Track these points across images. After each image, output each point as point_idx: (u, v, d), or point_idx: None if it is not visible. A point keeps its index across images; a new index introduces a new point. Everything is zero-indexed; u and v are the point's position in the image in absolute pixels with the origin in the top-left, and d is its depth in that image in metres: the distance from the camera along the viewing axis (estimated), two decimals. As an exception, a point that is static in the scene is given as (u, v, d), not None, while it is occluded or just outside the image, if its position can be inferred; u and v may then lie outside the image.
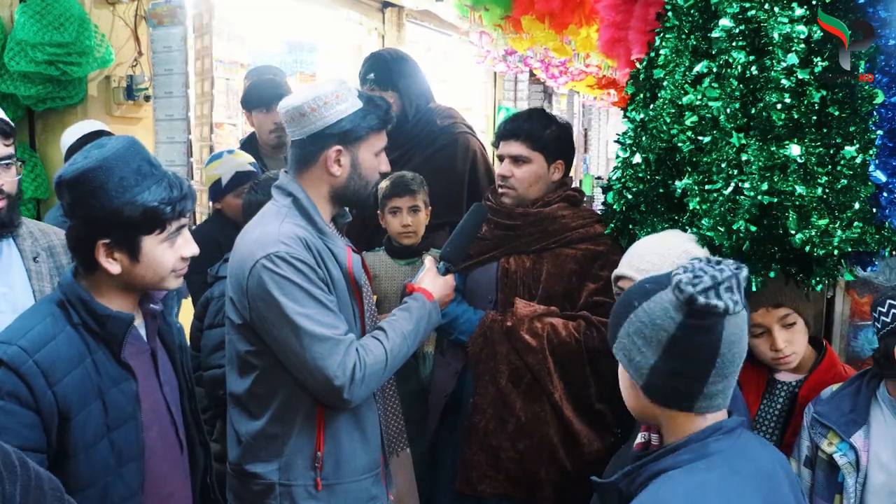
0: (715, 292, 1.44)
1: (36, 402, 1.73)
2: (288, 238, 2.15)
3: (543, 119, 2.89)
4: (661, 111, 2.36)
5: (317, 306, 2.13)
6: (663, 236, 2.32)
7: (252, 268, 2.13)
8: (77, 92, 4.11)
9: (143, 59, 4.48)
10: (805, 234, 2.17)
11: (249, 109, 4.02)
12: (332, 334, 2.11)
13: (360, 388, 2.14)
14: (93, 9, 4.20)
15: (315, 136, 2.22)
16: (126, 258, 1.84)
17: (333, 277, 2.23)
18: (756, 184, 2.17)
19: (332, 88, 2.22)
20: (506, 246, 2.86)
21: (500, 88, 9.51)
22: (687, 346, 1.48)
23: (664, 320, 1.48)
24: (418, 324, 2.31)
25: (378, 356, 2.18)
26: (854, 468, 2.06)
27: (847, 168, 2.21)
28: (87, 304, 1.84)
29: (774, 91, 2.19)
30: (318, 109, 2.19)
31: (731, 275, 1.47)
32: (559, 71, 6.46)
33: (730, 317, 1.46)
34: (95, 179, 1.78)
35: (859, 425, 2.08)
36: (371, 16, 6.88)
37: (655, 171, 2.44)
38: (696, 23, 2.38)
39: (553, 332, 2.66)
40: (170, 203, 1.83)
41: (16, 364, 1.72)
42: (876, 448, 2.06)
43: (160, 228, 1.84)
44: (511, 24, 4.43)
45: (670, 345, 1.48)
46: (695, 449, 1.50)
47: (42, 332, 1.79)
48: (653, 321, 1.50)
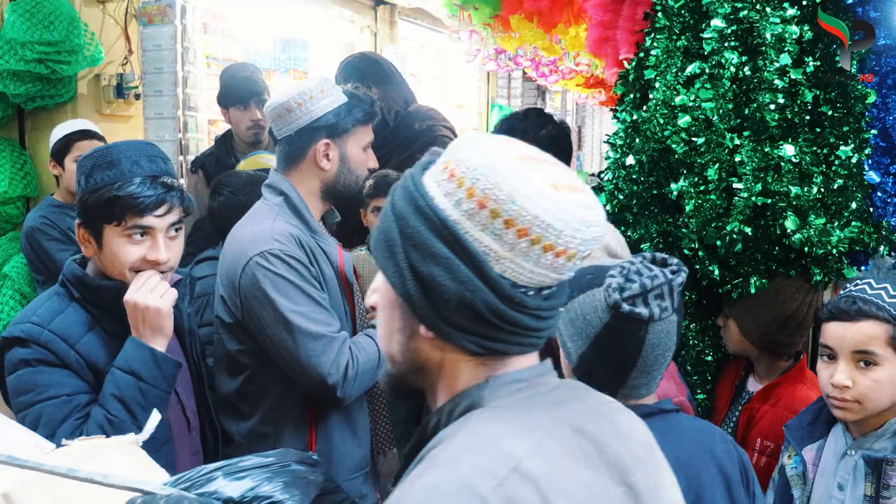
0: (642, 299, 1.49)
1: (63, 362, 1.84)
2: (281, 235, 2.15)
3: (540, 119, 2.87)
4: (654, 112, 2.35)
5: (310, 304, 2.12)
6: None
7: (245, 265, 2.12)
8: (67, 90, 4.08)
9: (133, 57, 4.45)
10: (803, 233, 2.16)
11: (226, 106, 4.01)
12: (325, 332, 2.10)
13: (354, 386, 2.13)
14: (83, 7, 4.17)
15: (302, 130, 2.23)
16: (94, 244, 1.90)
17: (325, 276, 2.22)
18: (750, 185, 2.16)
19: (316, 84, 2.24)
20: None
21: (493, 86, 9.48)
22: (611, 345, 1.54)
23: (592, 317, 1.55)
24: None
25: (371, 354, 2.17)
26: (801, 480, 2.00)
27: (842, 168, 2.21)
28: (80, 279, 1.92)
29: (767, 91, 2.19)
30: (305, 104, 2.21)
31: (663, 281, 1.50)
32: (549, 70, 6.45)
33: (654, 323, 1.51)
34: (82, 166, 1.89)
35: (814, 439, 2.01)
36: (363, 13, 6.86)
37: (649, 172, 2.43)
38: (687, 23, 2.37)
39: None
40: (132, 198, 1.84)
41: (33, 336, 1.83)
42: (824, 464, 1.99)
43: (117, 220, 1.85)
44: (500, 23, 4.44)
45: (596, 340, 1.55)
46: None
47: (50, 307, 1.90)
48: (584, 315, 1.56)
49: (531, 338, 1.03)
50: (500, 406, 1.02)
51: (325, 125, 2.23)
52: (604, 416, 1.10)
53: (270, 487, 1.28)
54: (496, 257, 0.96)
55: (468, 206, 0.96)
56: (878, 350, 1.82)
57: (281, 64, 6.21)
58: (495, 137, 1.04)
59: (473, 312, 0.98)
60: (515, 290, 0.98)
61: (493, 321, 0.98)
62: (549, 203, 0.95)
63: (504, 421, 1.00)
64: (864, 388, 1.85)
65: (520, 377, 1.05)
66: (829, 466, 1.97)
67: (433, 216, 0.98)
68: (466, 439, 0.97)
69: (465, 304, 0.98)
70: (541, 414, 1.02)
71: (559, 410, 1.05)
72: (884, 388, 1.84)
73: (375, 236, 1.06)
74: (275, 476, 1.31)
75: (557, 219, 0.95)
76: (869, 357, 1.84)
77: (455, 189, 0.97)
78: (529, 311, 1.00)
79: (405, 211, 1.01)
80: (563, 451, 0.99)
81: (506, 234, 0.95)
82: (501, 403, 1.02)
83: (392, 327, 1.08)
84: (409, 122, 3.68)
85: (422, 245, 0.98)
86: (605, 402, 1.15)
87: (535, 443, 0.97)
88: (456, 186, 0.97)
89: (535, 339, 1.04)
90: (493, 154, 0.97)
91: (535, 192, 0.95)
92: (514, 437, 0.97)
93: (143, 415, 1.78)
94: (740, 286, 2.29)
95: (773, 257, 2.29)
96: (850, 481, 1.90)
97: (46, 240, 3.58)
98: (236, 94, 3.92)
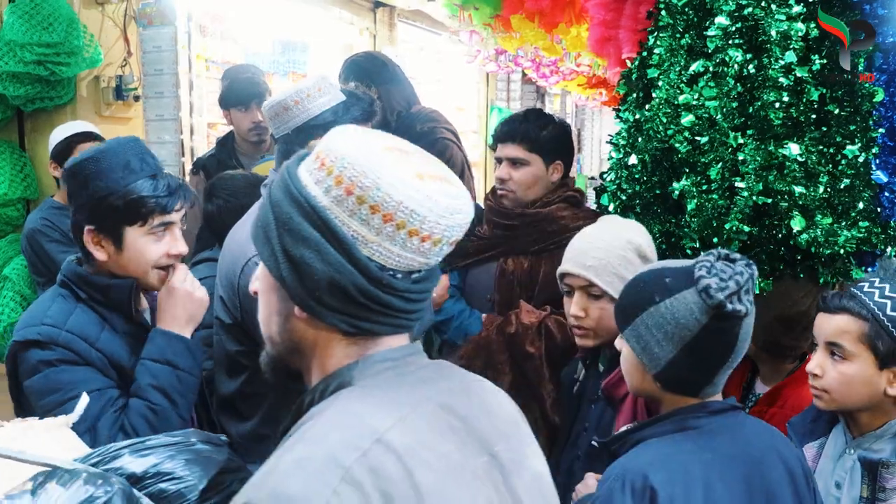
0: (738, 297, 1.53)
1: (86, 360, 1.84)
2: None
3: (541, 119, 2.86)
4: (657, 111, 2.33)
5: None
6: (601, 227, 2.24)
7: (244, 265, 2.11)
8: (66, 92, 4.07)
9: (132, 59, 4.43)
10: (810, 234, 2.15)
11: (227, 108, 4.01)
12: None
13: None
14: (82, 9, 4.15)
15: (300, 129, 2.22)
16: (112, 246, 1.89)
17: None
18: (751, 184, 2.14)
19: (313, 82, 2.24)
20: (505, 246, 2.84)
21: (492, 88, 9.48)
22: (707, 346, 1.57)
23: (688, 321, 1.55)
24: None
25: None
26: None
27: (849, 167, 2.19)
28: (86, 279, 1.92)
29: (772, 89, 2.17)
30: (302, 102, 2.20)
31: (748, 276, 1.55)
32: (550, 70, 6.44)
33: (746, 318, 1.56)
34: (86, 169, 1.86)
35: (815, 437, 2.01)
36: (362, 15, 6.85)
37: (652, 172, 2.41)
38: (691, 21, 2.35)
39: (549, 335, 2.63)
40: (154, 197, 1.86)
41: (52, 337, 1.83)
42: (824, 461, 1.99)
43: (142, 220, 1.87)
44: (501, 23, 4.41)
45: (692, 343, 1.56)
46: (674, 422, 1.62)
47: (59, 308, 1.89)
48: (676, 320, 1.56)
49: (401, 319, 1.09)
50: (369, 385, 1.07)
51: (322, 123, 2.20)
52: (472, 394, 1.17)
53: (172, 464, 1.37)
54: (364, 241, 1.02)
55: (336, 193, 1.02)
56: (848, 345, 1.83)
57: (280, 66, 6.19)
58: (366, 130, 1.11)
59: (343, 293, 1.04)
60: (383, 273, 1.04)
61: (363, 301, 1.04)
62: (412, 190, 1.01)
63: (371, 399, 1.06)
64: (830, 379, 1.87)
65: (390, 357, 1.11)
66: (827, 465, 1.97)
67: (304, 202, 1.04)
68: (334, 416, 1.03)
69: (334, 285, 1.04)
70: (408, 391, 1.08)
71: (426, 388, 1.11)
72: (851, 383, 1.85)
73: (254, 224, 1.12)
74: (178, 454, 1.39)
75: (421, 205, 1.01)
76: (839, 350, 1.85)
77: (325, 177, 1.04)
78: (398, 293, 1.06)
79: (280, 198, 1.07)
80: (428, 425, 1.05)
81: (372, 219, 1.01)
82: (370, 382, 1.08)
83: (271, 310, 1.15)
84: (411, 123, 3.66)
85: (294, 230, 1.04)
86: (474, 381, 1.21)
87: (398, 418, 1.02)
88: (326, 175, 1.03)
89: (404, 321, 1.10)
90: (360, 144, 1.04)
91: (399, 181, 1.01)
92: (379, 413, 1.03)
93: (183, 402, 1.89)
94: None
95: (779, 258, 2.27)
96: (846, 481, 1.90)
97: (47, 241, 3.57)
98: (237, 96, 3.92)
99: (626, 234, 2.14)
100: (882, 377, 1.83)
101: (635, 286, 1.69)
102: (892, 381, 1.83)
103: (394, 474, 0.96)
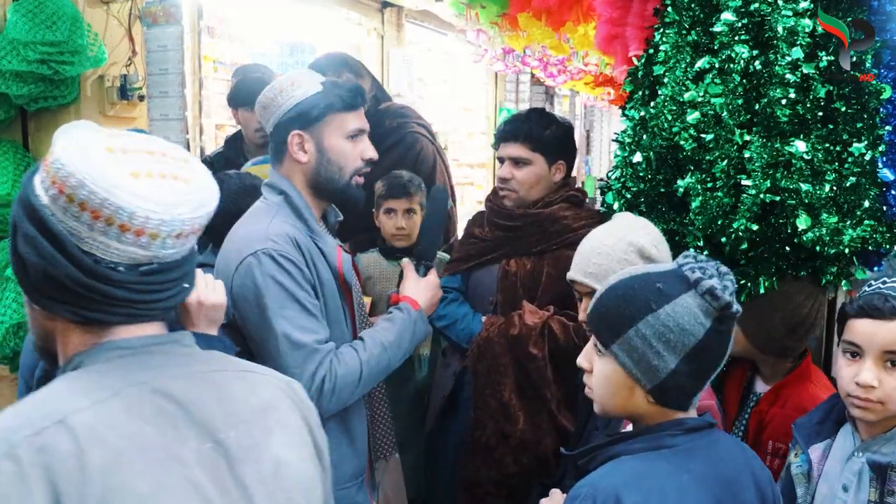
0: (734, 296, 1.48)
1: None
2: (277, 235, 2.10)
3: (543, 119, 2.84)
4: (663, 108, 2.30)
5: (299, 309, 2.07)
6: (607, 229, 2.18)
7: (238, 265, 2.08)
8: (70, 91, 4.05)
9: (137, 58, 4.41)
10: (815, 232, 2.11)
11: (235, 107, 3.99)
12: (308, 341, 2.05)
13: (331, 401, 2.07)
14: (86, 8, 4.14)
15: (277, 125, 2.22)
16: None
17: (323, 278, 2.17)
18: (758, 181, 2.11)
19: (289, 76, 2.24)
20: (507, 247, 2.81)
21: (500, 89, 9.46)
22: (709, 351, 1.49)
23: (693, 326, 1.47)
24: (401, 336, 2.23)
25: (352, 368, 2.11)
26: (805, 479, 1.95)
27: (855, 165, 2.15)
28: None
29: (779, 86, 2.13)
30: (275, 98, 2.21)
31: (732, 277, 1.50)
32: (557, 70, 6.40)
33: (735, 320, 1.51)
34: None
35: (822, 438, 1.95)
36: (370, 16, 6.84)
37: (657, 170, 2.37)
38: (697, 17, 2.32)
39: (552, 337, 2.60)
40: None
41: None
42: (831, 463, 1.93)
43: None
44: (508, 21, 4.38)
45: (695, 350, 1.48)
46: (649, 440, 1.52)
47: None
48: (680, 326, 1.47)
49: (133, 309, 1.15)
50: (90, 370, 1.14)
51: (295, 116, 2.20)
52: (206, 382, 1.21)
53: None
54: (79, 236, 1.09)
55: (52, 193, 1.10)
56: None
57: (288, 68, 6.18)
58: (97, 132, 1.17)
59: (59, 284, 1.11)
60: (99, 266, 1.10)
61: (82, 292, 1.11)
62: (118, 188, 1.08)
63: (77, 382, 1.12)
64: (890, 389, 1.78)
65: (125, 345, 1.17)
66: (835, 467, 1.91)
67: (28, 202, 1.13)
68: (35, 396, 1.11)
69: (49, 277, 1.11)
70: (118, 377, 1.13)
71: (145, 373, 1.15)
72: None
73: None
74: None
75: (128, 202, 1.08)
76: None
77: (45, 178, 1.11)
78: (123, 285, 1.12)
79: (16, 201, 1.16)
80: (126, 408, 1.10)
81: (82, 216, 1.08)
82: (93, 368, 1.14)
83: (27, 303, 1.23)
84: (380, 119, 3.64)
85: (20, 228, 1.13)
86: (218, 371, 1.26)
87: (96, 400, 1.08)
88: (46, 176, 1.11)
89: (137, 311, 1.16)
90: (77, 147, 1.10)
91: (104, 179, 1.07)
92: (75, 396, 1.09)
93: None
94: (749, 287, 2.23)
95: (783, 257, 2.23)
96: (854, 484, 1.84)
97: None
98: (245, 95, 3.87)
99: (629, 237, 2.10)
100: None
101: (621, 296, 1.55)
102: None
103: (63, 452, 1.01)
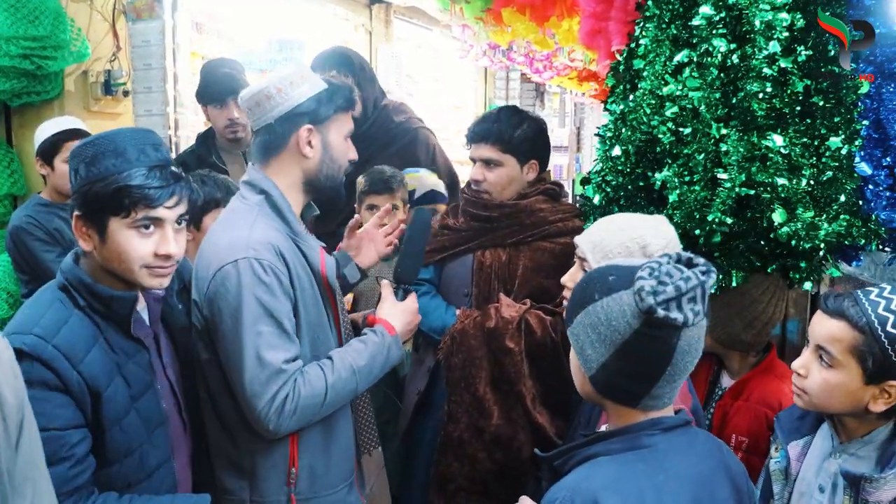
0: (676, 304, 1.38)
1: (65, 385, 1.74)
2: (259, 243, 2.02)
3: (514, 118, 2.80)
4: (641, 102, 2.30)
5: (272, 325, 2.00)
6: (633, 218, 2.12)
7: (216, 273, 2.01)
8: (53, 87, 4.03)
9: (121, 53, 4.39)
10: (791, 227, 2.11)
11: (204, 104, 3.86)
12: (275, 360, 1.98)
13: (290, 421, 2.01)
14: (69, 2, 4.11)
15: (284, 117, 2.12)
16: (96, 236, 1.81)
17: (304, 285, 2.11)
18: (734, 175, 2.11)
19: (294, 69, 2.16)
20: (481, 238, 2.79)
21: (490, 87, 9.45)
22: (639, 353, 1.43)
23: (620, 323, 1.43)
24: (373, 360, 2.16)
25: (317, 390, 2.04)
26: (782, 476, 1.95)
27: (832, 160, 2.16)
28: (89, 288, 1.84)
29: (756, 80, 2.13)
30: (285, 90, 2.11)
31: (696, 284, 1.40)
32: (543, 66, 6.39)
33: (687, 329, 1.41)
34: (83, 153, 1.80)
35: (801, 434, 1.95)
36: (358, 12, 6.82)
37: (635, 163, 2.37)
38: (677, 11, 2.32)
39: (529, 331, 2.59)
40: (140, 188, 1.77)
41: (37, 352, 1.73)
42: (808, 462, 1.93)
43: (125, 212, 1.78)
44: (492, 16, 4.38)
45: (623, 348, 1.44)
46: (627, 440, 1.49)
47: (54, 317, 1.80)
48: (609, 321, 1.44)
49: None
50: None
51: (307, 111, 2.13)
52: None
53: None
54: None
55: None
56: (837, 353, 1.75)
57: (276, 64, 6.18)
58: None
59: None
60: None
61: None
62: None
63: None
64: (812, 382, 1.81)
65: None
66: (812, 466, 1.91)
67: None
68: None
69: None
70: None
71: None
72: (833, 392, 1.78)
73: None
74: None
75: None
76: (827, 356, 1.78)
77: None
78: None
79: None
80: None
81: None
82: None
83: None
84: (387, 115, 3.68)
85: None
86: None
87: None
88: None
89: None
90: None
91: None
92: None
93: None
94: (722, 280, 2.24)
95: (757, 251, 2.23)
96: (829, 487, 1.84)
97: (32, 240, 3.51)
98: (214, 91, 3.78)
99: (641, 231, 2.02)
100: (867, 392, 1.74)
101: (583, 283, 1.56)
102: (876, 397, 1.74)
103: None
